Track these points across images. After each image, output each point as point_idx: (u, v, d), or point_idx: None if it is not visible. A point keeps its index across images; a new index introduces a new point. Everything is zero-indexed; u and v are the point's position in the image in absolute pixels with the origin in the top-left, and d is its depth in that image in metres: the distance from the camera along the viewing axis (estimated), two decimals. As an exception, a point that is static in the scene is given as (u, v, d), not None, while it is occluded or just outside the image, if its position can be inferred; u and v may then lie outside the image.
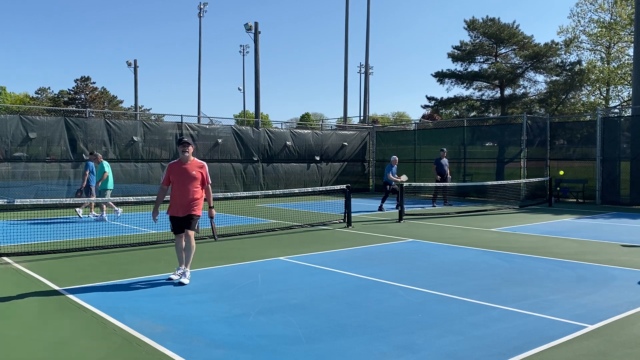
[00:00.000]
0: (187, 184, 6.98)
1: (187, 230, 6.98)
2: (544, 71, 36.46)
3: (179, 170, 7.02)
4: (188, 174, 7.00)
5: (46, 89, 67.33)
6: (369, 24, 38.74)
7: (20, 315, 5.59)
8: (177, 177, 6.99)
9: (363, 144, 25.88)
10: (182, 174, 6.99)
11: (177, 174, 7.00)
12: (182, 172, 7.00)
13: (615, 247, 9.88)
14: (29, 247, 9.65)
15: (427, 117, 50.46)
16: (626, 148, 18.64)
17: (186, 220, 6.99)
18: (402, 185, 14.39)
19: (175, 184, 7.01)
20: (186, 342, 4.73)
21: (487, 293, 6.44)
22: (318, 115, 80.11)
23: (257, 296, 6.32)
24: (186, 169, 7.02)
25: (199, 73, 72.63)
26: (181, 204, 6.97)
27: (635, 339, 4.81)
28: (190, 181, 6.99)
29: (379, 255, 9.05)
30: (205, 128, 21.53)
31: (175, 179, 7.01)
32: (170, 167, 7.11)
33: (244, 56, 64.65)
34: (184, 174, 6.99)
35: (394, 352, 4.50)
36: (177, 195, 6.99)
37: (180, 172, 7.00)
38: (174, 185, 7.03)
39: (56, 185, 17.40)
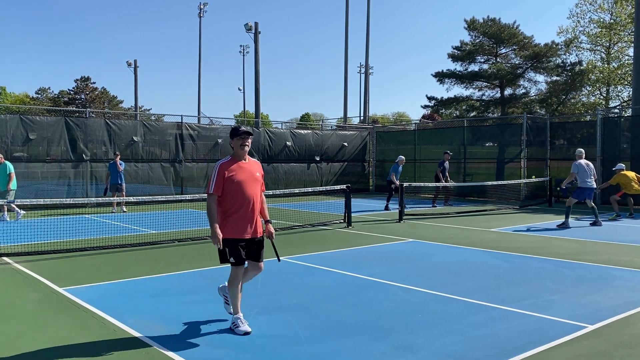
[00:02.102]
0: (252, 192, 5.07)
1: (257, 262, 5.18)
2: (544, 71, 36.45)
3: (238, 171, 5.05)
4: (252, 176, 5.11)
5: (46, 89, 67.36)
6: (369, 24, 38.76)
7: (20, 315, 5.59)
8: (237, 181, 5.01)
9: (363, 144, 25.88)
10: (243, 176, 5.06)
11: (237, 177, 5.02)
12: (243, 175, 5.06)
13: (615, 247, 9.88)
14: (29, 247, 9.65)
15: (427, 117, 50.45)
16: (626, 148, 18.64)
17: (255, 245, 5.12)
18: (402, 185, 14.38)
19: (233, 192, 5.00)
20: (186, 342, 4.73)
21: (487, 293, 6.44)
22: (318, 115, 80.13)
23: (257, 296, 6.32)
24: (248, 169, 5.12)
25: (199, 73, 72.68)
26: (246, 220, 5.04)
27: (635, 339, 4.81)
28: (255, 187, 5.12)
29: (379, 255, 9.05)
30: (205, 128, 21.54)
31: (233, 184, 5.00)
32: (224, 168, 5.02)
33: (244, 56, 64.68)
34: (247, 177, 5.08)
35: (394, 352, 4.50)
36: (239, 208, 5.01)
37: (241, 175, 5.05)
38: (231, 193, 5.00)
39: (56, 186, 17.40)
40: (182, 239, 10.57)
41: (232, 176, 5.00)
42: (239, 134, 5.10)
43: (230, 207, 5.00)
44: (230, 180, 4.98)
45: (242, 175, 5.06)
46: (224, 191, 4.99)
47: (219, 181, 5.00)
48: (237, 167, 5.07)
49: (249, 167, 5.14)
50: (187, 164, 20.32)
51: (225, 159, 5.15)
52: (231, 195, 4.99)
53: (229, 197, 5.00)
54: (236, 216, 5.00)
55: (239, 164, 5.10)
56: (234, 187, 4.99)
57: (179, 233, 11.34)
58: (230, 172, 5.01)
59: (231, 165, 5.06)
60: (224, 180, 4.99)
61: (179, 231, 11.63)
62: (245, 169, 5.10)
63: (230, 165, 5.07)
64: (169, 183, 19.84)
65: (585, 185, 12.60)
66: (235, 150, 5.16)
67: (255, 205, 5.08)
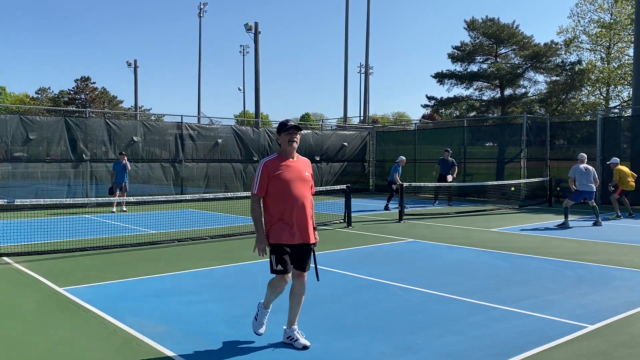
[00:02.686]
0: (300, 193, 4.58)
1: (301, 271, 4.69)
2: (544, 71, 36.45)
3: (284, 170, 4.56)
4: (300, 176, 4.62)
5: (46, 89, 67.37)
6: (369, 24, 38.76)
7: (20, 315, 5.59)
8: (283, 181, 4.52)
9: (363, 144, 25.87)
10: (290, 176, 4.57)
11: (283, 176, 4.53)
12: (290, 174, 4.58)
13: (615, 247, 9.88)
14: (29, 247, 9.65)
15: (427, 117, 50.46)
16: (626, 148, 18.64)
17: (302, 251, 4.62)
18: (402, 185, 14.38)
19: (279, 193, 4.53)
20: (186, 342, 4.73)
21: (487, 293, 6.44)
22: (318, 115, 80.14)
23: (257, 296, 6.30)
24: (296, 168, 4.63)
25: (199, 73, 72.72)
26: (293, 223, 4.55)
27: (635, 339, 4.81)
28: (304, 188, 4.64)
29: (379, 255, 9.05)
30: (205, 128, 21.53)
31: (279, 184, 4.52)
32: (269, 166, 4.56)
33: (244, 56, 64.68)
34: (294, 177, 4.58)
35: (394, 352, 4.50)
36: (286, 211, 4.52)
37: (288, 174, 4.57)
38: (277, 194, 4.53)
39: (56, 186, 17.40)
40: (182, 239, 10.57)
41: (278, 175, 4.51)
42: (286, 128, 4.60)
43: (276, 209, 4.53)
44: (275, 180, 4.50)
45: (289, 174, 4.55)
46: (269, 192, 4.54)
47: (263, 181, 4.54)
48: (283, 165, 4.57)
49: (297, 166, 4.64)
50: (187, 164, 20.32)
51: (271, 157, 4.66)
52: (277, 197, 4.52)
53: (275, 199, 4.53)
54: (283, 220, 4.51)
55: (285, 162, 4.59)
56: (279, 187, 4.51)
57: (179, 233, 11.34)
58: (276, 171, 4.53)
59: (277, 164, 4.57)
60: (268, 180, 4.52)
61: (179, 231, 11.62)
62: (293, 168, 4.60)
63: (275, 163, 4.58)
64: (169, 183, 19.84)
65: (582, 188, 12.61)
66: (282, 147, 4.65)
67: (304, 207, 4.57)
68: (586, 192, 12.62)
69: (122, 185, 16.25)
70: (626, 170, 14.71)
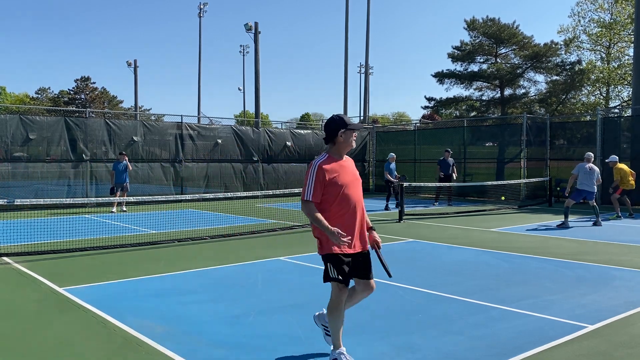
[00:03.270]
0: (357, 196, 4.20)
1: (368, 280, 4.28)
2: (544, 71, 36.49)
3: (340, 173, 4.13)
4: (355, 178, 4.24)
5: (46, 89, 67.42)
6: (369, 24, 38.74)
7: (20, 315, 5.59)
8: (340, 185, 4.09)
9: (363, 144, 25.88)
10: (347, 178, 4.15)
11: (340, 179, 4.10)
12: (346, 176, 4.15)
13: (615, 247, 9.88)
14: (29, 247, 9.65)
15: (427, 117, 50.47)
16: (626, 148, 18.64)
17: (362, 259, 4.22)
18: (402, 185, 14.38)
19: (336, 198, 4.09)
20: (186, 342, 4.73)
21: (487, 293, 6.44)
22: (318, 115, 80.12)
23: (257, 296, 6.32)
24: (350, 169, 4.24)
25: (199, 73, 72.73)
26: (352, 230, 4.14)
27: (635, 339, 4.81)
28: (359, 190, 4.26)
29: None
30: (205, 128, 21.54)
31: (335, 189, 4.07)
32: (325, 169, 4.08)
33: (244, 56, 64.66)
34: (350, 179, 4.18)
35: (394, 352, 4.50)
36: (345, 217, 4.12)
37: (344, 176, 4.14)
38: (333, 200, 4.09)
39: (56, 186, 17.40)
40: (182, 239, 10.57)
41: (334, 179, 4.06)
42: (350, 125, 4.15)
43: (333, 216, 4.08)
44: (332, 184, 4.05)
45: (346, 176, 4.14)
46: (324, 197, 4.07)
47: (318, 185, 4.04)
48: (338, 167, 4.14)
49: (350, 166, 4.25)
50: (187, 164, 20.32)
51: (322, 158, 4.17)
52: (334, 202, 4.07)
53: (331, 204, 4.07)
54: (339, 227, 4.03)
55: (339, 163, 4.17)
56: (336, 192, 4.07)
57: (179, 233, 11.34)
58: (332, 173, 4.07)
59: (332, 165, 4.11)
60: (324, 184, 4.05)
61: (179, 231, 11.63)
62: (347, 169, 4.20)
63: (330, 165, 4.11)
64: (169, 183, 19.84)
65: (583, 187, 12.59)
66: (339, 146, 4.18)
67: (361, 212, 4.22)
68: (586, 192, 12.61)
69: (123, 185, 16.24)
70: (626, 169, 14.70)
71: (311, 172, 4.10)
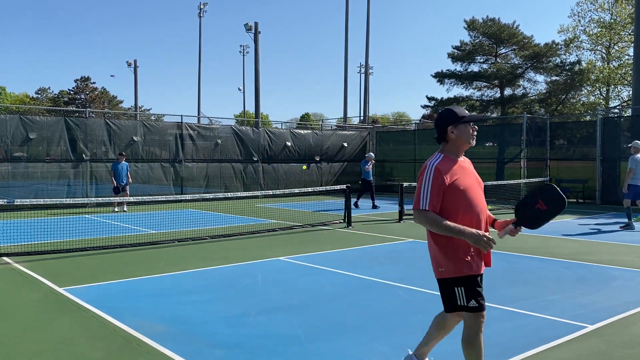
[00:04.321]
0: (482, 202, 3.51)
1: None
2: (544, 71, 36.51)
3: (461, 175, 3.44)
4: (477, 181, 3.57)
5: (46, 89, 67.42)
6: (369, 24, 38.75)
7: (20, 315, 5.59)
8: (462, 190, 3.39)
9: (363, 144, 25.87)
10: (469, 182, 3.47)
11: (462, 183, 3.40)
12: (468, 179, 3.47)
13: (615, 247, 9.88)
14: (29, 247, 9.65)
15: (427, 117, 50.46)
16: (626, 148, 18.63)
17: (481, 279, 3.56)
18: (402, 185, 14.37)
19: (459, 207, 3.39)
20: (186, 342, 4.73)
21: (487, 293, 6.39)
22: (318, 115, 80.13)
23: (257, 296, 6.32)
24: (471, 171, 3.56)
25: (199, 73, 72.70)
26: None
27: (635, 339, 4.81)
28: (482, 197, 3.55)
29: (379, 255, 9.05)
30: (205, 128, 21.54)
31: (457, 195, 3.38)
32: (442, 172, 3.38)
33: (244, 56, 64.64)
34: (473, 183, 3.50)
35: (394, 352, 4.50)
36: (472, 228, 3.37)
37: (466, 180, 3.45)
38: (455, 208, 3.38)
39: (56, 185, 17.41)
40: (182, 239, 10.57)
41: (455, 182, 3.37)
42: (466, 118, 3.46)
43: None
44: (452, 190, 3.36)
45: (467, 179, 3.44)
46: (443, 206, 3.37)
47: (436, 191, 3.35)
48: (457, 168, 3.44)
49: (470, 168, 3.57)
50: (187, 164, 20.32)
51: (437, 158, 3.45)
52: (456, 211, 3.36)
53: (454, 214, 3.36)
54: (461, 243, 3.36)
55: (458, 164, 3.47)
56: (457, 198, 3.37)
57: (179, 233, 11.34)
58: (452, 176, 3.37)
59: (450, 167, 3.41)
60: (443, 190, 3.35)
61: (179, 231, 11.63)
62: (468, 171, 3.51)
63: (448, 166, 3.41)
64: (169, 183, 19.85)
65: (636, 182, 11.59)
66: (453, 143, 3.49)
67: (485, 222, 3.51)
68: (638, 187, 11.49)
69: (123, 186, 16.27)
70: None
71: (426, 175, 3.39)
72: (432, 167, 3.39)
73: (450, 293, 3.45)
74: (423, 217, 3.37)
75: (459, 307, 3.43)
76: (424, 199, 3.37)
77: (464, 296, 3.40)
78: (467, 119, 3.45)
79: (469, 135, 3.47)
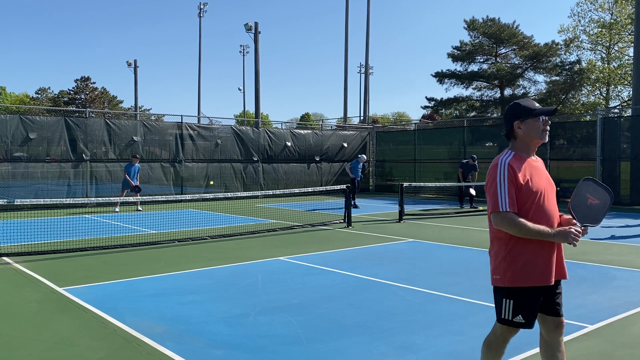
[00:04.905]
0: (555, 207, 3.21)
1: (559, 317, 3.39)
2: (544, 71, 36.51)
3: (534, 175, 3.13)
4: (550, 182, 3.22)
5: (46, 89, 67.43)
6: (369, 24, 38.74)
7: (20, 315, 5.59)
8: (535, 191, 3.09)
9: (363, 144, 25.87)
10: (542, 183, 3.15)
11: (535, 184, 3.10)
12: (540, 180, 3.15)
13: (615, 247, 9.88)
14: (29, 247, 9.65)
15: (427, 117, 50.46)
16: (626, 148, 18.64)
17: (556, 290, 3.35)
18: (402, 185, 14.37)
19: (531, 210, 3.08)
20: (186, 342, 4.73)
21: (487, 293, 6.41)
22: (318, 115, 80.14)
23: (257, 296, 6.32)
24: (543, 171, 3.22)
25: (199, 73, 72.67)
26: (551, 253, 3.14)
27: (635, 339, 4.81)
28: (555, 202, 3.24)
29: (379, 255, 9.05)
30: (205, 128, 21.54)
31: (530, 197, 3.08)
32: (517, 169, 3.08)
33: (244, 56, 64.66)
34: (546, 184, 3.18)
35: (394, 352, 4.50)
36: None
37: (539, 180, 3.14)
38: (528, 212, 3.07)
39: (56, 186, 17.41)
40: (182, 239, 10.57)
41: (529, 183, 3.07)
42: (534, 112, 3.14)
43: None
44: (526, 191, 3.06)
45: (540, 181, 3.13)
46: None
47: (512, 190, 3.04)
48: (528, 167, 3.12)
49: (543, 168, 3.24)
50: (187, 164, 20.32)
51: (508, 155, 3.15)
52: (525, 216, 3.05)
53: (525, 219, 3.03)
54: (534, 249, 3.07)
55: (529, 162, 3.15)
56: (530, 202, 3.07)
57: (179, 233, 11.34)
58: (525, 176, 3.07)
59: (522, 165, 3.10)
60: (517, 189, 3.06)
61: (179, 231, 11.63)
62: (540, 170, 3.19)
63: (520, 164, 3.10)
64: (169, 183, 19.85)
65: None
66: (524, 140, 3.18)
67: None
68: None
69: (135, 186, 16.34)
70: None
71: (500, 173, 3.07)
72: (505, 165, 3.09)
73: (498, 303, 3.22)
74: (506, 219, 3.02)
75: (502, 320, 3.19)
76: (502, 200, 3.03)
77: (510, 310, 3.15)
78: (536, 113, 3.13)
79: (540, 131, 3.14)
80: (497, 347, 3.31)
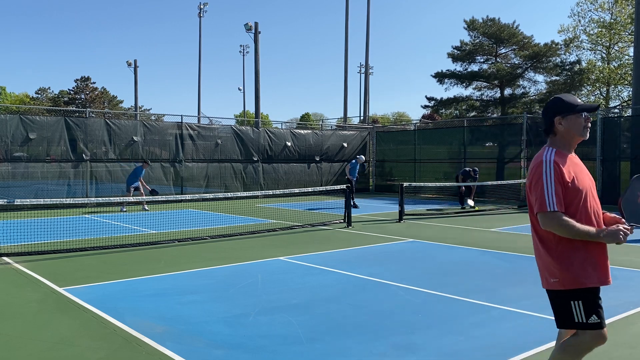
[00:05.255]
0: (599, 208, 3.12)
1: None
2: (544, 71, 36.47)
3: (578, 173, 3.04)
4: (592, 180, 3.14)
5: (46, 89, 67.43)
6: (369, 24, 38.75)
7: (20, 315, 5.59)
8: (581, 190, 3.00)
9: (363, 144, 25.88)
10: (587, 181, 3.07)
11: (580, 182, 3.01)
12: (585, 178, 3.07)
13: (615, 247, 9.87)
14: (29, 247, 9.65)
15: (427, 117, 50.45)
16: (626, 148, 18.64)
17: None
18: (402, 185, 14.37)
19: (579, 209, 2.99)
20: (186, 342, 4.73)
21: (487, 293, 6.44)
22: (318, 115, 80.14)
23: (257, 296, 6.32)
24: (584, 168, 3.15)
25: (199, 73, 72.70)
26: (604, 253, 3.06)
27: (635, 338, 4.81)
28: (598, 201, 3.14)
29: (379, 255, 9.05)
30: (205, 128, 21.54)
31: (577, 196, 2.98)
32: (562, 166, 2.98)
33: (244, 56, 64.72)
34: (590, 183, 3.10)
35: (394, 352, 4.50)
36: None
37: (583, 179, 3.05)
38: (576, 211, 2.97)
39: (56, 185, 17.41)
40: (182, 239, 10.57)
41: (574, 181, 2.96)
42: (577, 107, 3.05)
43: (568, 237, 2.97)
44: (572, 190, 2.95)
45: (584, 179, 3.04)
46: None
47: (559, 188, 2.92)
48: (572, 164, 3.03)
49: (583, 165, 3.14)
50: (187, 164, 20.32)
51: (551, 152, 3.03)
52: (571, 216, 2.93)
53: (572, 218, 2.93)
54: (589, 249, 2.97)
55: (571, 160, 3.06)
56: (577, 201, 2.96)
57: (179, 233, 11.34)
58: (570, 174, 2.97)
59: (566, 162, 3.00)
60: (564, 188, 2.94)
61: (179, 231, 11.62)
62: (582, 168, 3.10)
63: (564, 161, 2.99)
64: (169, 183, 19.85)
65: None
66: (565, 137, 3.09)
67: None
68: None
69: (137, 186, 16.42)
70: None
71: (545, 171, 2.94)
72: (551, 162, 2.95)
73: (565, 308, 3.01)
74: (555, 220, 2.90)
75: (577, 324, 3.00)
76: (550, 199, 2.90)
77: (582, 311, 2.96)
78: (579, 109, 3.04)
79: (581, 128, 3.05)
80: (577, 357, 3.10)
